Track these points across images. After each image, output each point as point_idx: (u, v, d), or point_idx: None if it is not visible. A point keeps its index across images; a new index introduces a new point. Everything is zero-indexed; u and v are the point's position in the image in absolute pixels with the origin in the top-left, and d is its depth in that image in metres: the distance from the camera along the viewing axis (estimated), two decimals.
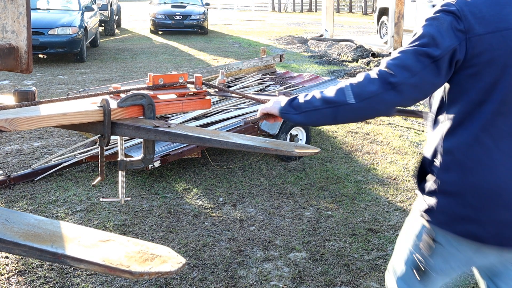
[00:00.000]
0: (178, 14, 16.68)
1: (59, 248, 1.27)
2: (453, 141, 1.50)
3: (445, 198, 1.51)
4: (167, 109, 2.17)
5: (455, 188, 1.50)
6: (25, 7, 1.91)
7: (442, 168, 1.52)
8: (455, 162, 1.49)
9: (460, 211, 1.50)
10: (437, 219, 1.54)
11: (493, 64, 1.42)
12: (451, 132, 1.51)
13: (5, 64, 1.90)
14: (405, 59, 1.44)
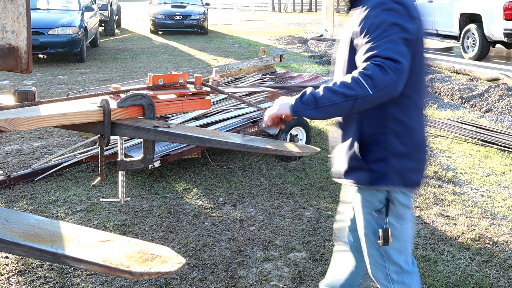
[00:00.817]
0: (178, 14, 16.68)
1: (59, 248, 1.27)
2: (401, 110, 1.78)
3: (398, 159, 1.78)
4: (167, 109, 2.17)
5: (406, 148, 1.79)
6: (25, 7, 1.91)
7: (392, 136, 1.77)
8: (406, 129, 1.79)
9: (411, 166, 1.81)
10: (393, 180, 1.79)
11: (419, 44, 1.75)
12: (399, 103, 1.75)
13: (5, 64, 1.90)
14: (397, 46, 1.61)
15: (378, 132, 1.79)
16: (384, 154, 1.79)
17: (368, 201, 1.88)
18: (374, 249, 1.93)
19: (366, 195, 1.88)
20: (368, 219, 1.90)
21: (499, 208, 3.81)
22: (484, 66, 9.95)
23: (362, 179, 1.83)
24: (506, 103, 6.72)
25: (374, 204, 1.86)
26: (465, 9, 10.93)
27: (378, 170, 1.80)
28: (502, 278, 2.88)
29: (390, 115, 1.77)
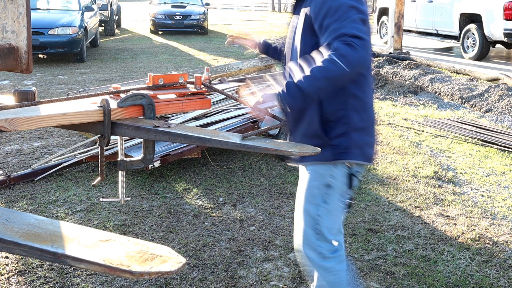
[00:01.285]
0: (178, 14, 16.68)
1: (59, 248, 1.27)
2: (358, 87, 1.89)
3: (358, 134, 1.89)
4: (167, 109, 2.16)
5: (365, 123, 1.92)
6: (25, 7, 1.91)
7: (352, 111, 1.88)
8: (362, 104, 1.91)
9: (368, 141, 1.95)
10: (354, 154, 1.90)
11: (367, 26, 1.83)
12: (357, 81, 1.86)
13: (5, 64, 1.90)
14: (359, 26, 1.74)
15: (338, 108, 1.89)
16: (345, 128, 1.89)
17: (320, 175, 1.96)
18: (310, 227, 2.00)
19: (321, 169, 1.95)
20: (314, 193, 1.97)
21: (499, 208, 3.81)
22: (484, 66, 9.95)
23: (325, 156, 1.90)
24: (506, 103, 6.72)
25: (326, 178, 1.95)
26: (465, 9, 10.93)
27: (340, 145, 1.90)
28: (502, 278, 2.88)
29: (349, 92, 1.88)
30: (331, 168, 1.93)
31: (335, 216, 2.01)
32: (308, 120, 1.93)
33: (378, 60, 10.29)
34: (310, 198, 1.99)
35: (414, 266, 2.98)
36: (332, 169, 1.93)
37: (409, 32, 13.16)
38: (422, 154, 4.98)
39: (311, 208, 1.99)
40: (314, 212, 1.98)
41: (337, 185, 1.96)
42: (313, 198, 1.98)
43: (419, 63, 9.81)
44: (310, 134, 1.94)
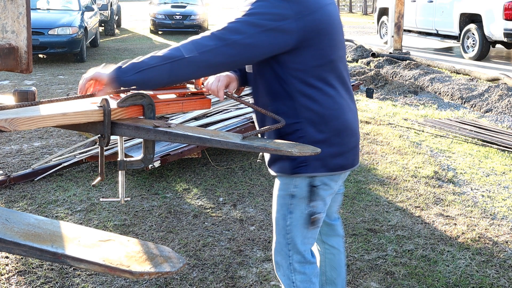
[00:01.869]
0: (178, 14, 16.69)
1: (59, 248, 1.27)
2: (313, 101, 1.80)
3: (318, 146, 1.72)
4: (167, 109, 2.16)
5: (323, 135, 1.82)
6: (25, 7, 1.91)
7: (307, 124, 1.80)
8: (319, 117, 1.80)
9: (330, 152, 1.84)
10: (314, 167, 1.84)
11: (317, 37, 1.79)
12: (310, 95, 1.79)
13: (5, 64, 1.90)
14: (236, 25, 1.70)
15: (292, 122, 1.81)
16: (301, 142, 1.80)
17: (285, 185, 1.92)
18: (281, 236, 1.97)
19: (284, 180, 1.92)
20: (281, 203, 1.95)
21: (499, 208, 3.81)
22: (484, 66, 9.95)
23: (284, 168, 1.88)
24: (506, 103, 6.72)
25: (290, 189, 1.90)
26: (465, 9, 10.93)
27: (297, 159, 1.84)
28: (502, 278, 2.88)
29: (301, 105, 1.80)
30: (293, 179, 1.89)
31: (304, 228, 1.94)
32: (269, 132, 1.89)
33: (378, 60, 10.29)
34: (278, 207, 1.96)
35: (414, 266, 2.98)
36: (294, 180, 1.89)
37: (409, 32, 13.16)
38: (422, 154, 4.98)
39: (280, 218, 1.96)
40: (283, 222, 1.95)
41: (301, 195, 1.90)
42: (281, 208, 1.96)
43: (419, 63, 9.81)
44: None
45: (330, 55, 1.80)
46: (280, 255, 2.00)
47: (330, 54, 1.80)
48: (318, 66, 1.78)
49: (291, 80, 1.78)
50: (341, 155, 1.88)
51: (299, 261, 1.97)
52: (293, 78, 1.78)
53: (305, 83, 1.77)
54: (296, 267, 1.97)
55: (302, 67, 1.76)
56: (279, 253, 2.00)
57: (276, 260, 2.02)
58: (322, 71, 1.80)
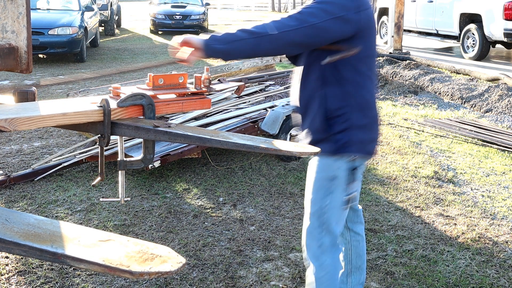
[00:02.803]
0: (178, 14, 16.68)
1: (59, 248, 1.27)
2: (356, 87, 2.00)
3: (359, 130, 2.00)
4: (167, 109, 2.16)
5: (367, 120, 2.03)
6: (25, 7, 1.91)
7: (352, 110, 1.99)
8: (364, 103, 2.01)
9: (369, 137, 2.05)
10: (356, 149, 2.01)
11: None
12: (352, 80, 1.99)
13: (5, 64, 1.90)
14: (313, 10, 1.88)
15: (341, 106, 1.99)
16: (346, 125, 1.99)
17: (326, 166, 2.06)
18: (316, 218, 2.09)
19: (326, 161, 2.06)
20: (321, 184, 2.08)
21: (499, 208, 3.81)
22: (484, 66, 9.95)
23: (326, 149, 2.01)
24: (506, 103, 6.72)
25: (330, 172, 2.05)
26: (465, 9, 10.93)
27: (341, 140, 2.00)
28: (502, 278, 2.88)
29: (349, 92, 1.99)
30: (336, 160, 2.03)
31: (340, 208, 2.08)
32: (313, 115, 2.05)
33: (378, 60, 10.29)
34: (317, 188, 2.08)
35: (414, 266, 2.98)
36: (336, 162, 2.03)
37: (409, 32, 13.16)
38: (422, 154, 4.98)
39: (318, 199, 2.08)
40: (321, 203, 2.07)
41: (341, 177, 2.04)
42: (320, 189, 2.07)
43: (419, 63, 9.81)
44: (316, 128, 2.06)
45: (374, 50, 2.04)
46: (311, 237, 2.10)
47: (373, 49, 2.03)
48: (366, 56, 1.99)
49: (343, 67, 1.96)
50: (375, 141, 2.10)
51: (329, 242, 2.08)
52: (346, 65, 1.96)
53: (356, 70, 1.97)
54: (325, 249, 2.08)
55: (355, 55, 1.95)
56: (310, 235, 2.11)
57: (307, 243, 2.12)
58: (369, 61, 2.02)
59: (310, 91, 2.04)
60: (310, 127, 2.08)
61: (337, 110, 2.00)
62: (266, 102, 5.20)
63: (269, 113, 4.63)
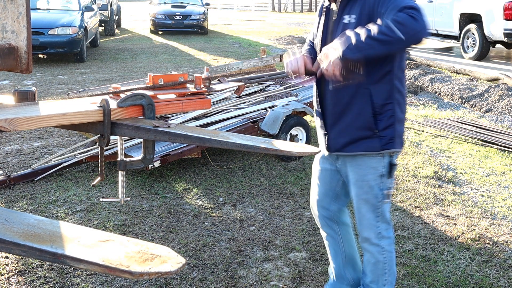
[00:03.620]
0: (178, 14, 16.68)
1: (59, 248, 1.27)
2: (401, 83, 2.12)
3: (399, 125, 2.13)
4: (167, 109, 2.16)
5: (403, 115, 2.17)
6: (25, 7, 1.91)
7: (396, 104, 2.10)
8: (402, 97, 2.14)
9: (403, 130, 2.20)
10: (397, 143, 2.14)
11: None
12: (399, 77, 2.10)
13: (5, 64, 1.90)
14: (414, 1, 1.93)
15: (386, 102, 2.08)
16: (391, 121, 2.10)
17: (373, 168, 2.17)
18: (371, 213, 2.24)
19: (372, 163, 2.16)
20: (372, 185, 2.19)
21: (499, 208, 3.81)
22: (484, 66, 9.95)
23: (373, 147, 2.12)
24: (506, 103, 6.72)
25: (380, 169, 2.17)
26: (465, 9, 10.93)
27: (387, 136, 2.11)
28: (502, 278, 2.88)
29: (395, 87, 2.09)
30: (381, 159, 2.15)
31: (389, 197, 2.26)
32: (356, 113, 2.11)
33: None
34: (368, 189, 2.20)
35: (414, 266, 2.98)
36: (382, 160, 2.16)
37: None
38: (422, 154, 4.98)
39: (371, 198, 2.21)
40: (374, 200, 2.21)
41: (387, 173, 2.19)
42: (372, 189, 2.20)
43: (419, 63, 9.81)
44: (359, 126, 2.12)
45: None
46: (368, 229, 2.28)
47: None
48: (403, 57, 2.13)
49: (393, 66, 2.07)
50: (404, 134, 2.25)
51: (386, 228, 2.28)
52: (394, 63, 2.06)
53: (400, 68, 2.10)
54: (384, 234, 2.28)
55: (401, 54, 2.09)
56: (368, 228, 2.28)
57: (364, 236, 2.30)
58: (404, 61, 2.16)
59: (351, 88, 2.08)
60: (352, 125, 2.13)
61: (382, 106, 2.08)
62: (266, 102, 5.20)
63: (269, 113, 4.63)
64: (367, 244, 2.31)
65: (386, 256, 2.31)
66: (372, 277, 2.35)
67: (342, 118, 2.15)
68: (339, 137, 2.18)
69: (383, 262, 2.32)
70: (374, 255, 2.31)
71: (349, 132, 2.14)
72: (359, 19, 2.03)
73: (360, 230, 2.32)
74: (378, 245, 2.29)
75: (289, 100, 5.14)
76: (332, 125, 2.21)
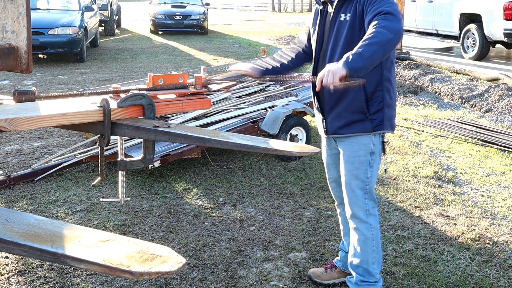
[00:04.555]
0: (178, 14, 16.68)
1: (59, 248, 1.27)
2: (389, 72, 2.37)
3: (388, 109, 2.39)
4: (167, 109, 2.17)
5: (392, 100, 2.41)
6: (25, 7, 1.91)
7: (385, 91, 2.36)
8: (391, 85, 2.39)
9: (393, 114, 2.45)
10: (387, 125, 2.40)
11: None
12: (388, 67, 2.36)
13: (5, 64, 1.90)
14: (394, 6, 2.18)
15: (376, 89, 2.35)
16: (381, 106, 2.36)
17: (365, 145, 2.40)
18: (359, 189, 2.44)
19: (364, 140, 2.40)
20: (362, 160, 2.41)
21: (499, 208, 3.81)
22: (484, 66, 9.95)
23: (366, 128, 2.38)
24: (506, 103, 6.72)
25: (370, 147, 2.41)
26: (465, 9, 10.93)
27: (377, 119, 2.37)
28: (502, 278, 2.88)
29: (384, 76, 2.35)
30: (372, 138, 2.40)
31: (376, 177, 2.48)
32: (350, 99, 2.35)
33: None
34: (359, 165, 2.42)
35: (414, 266, 2.98)
36: (373, 139, 2.41)
37: (409, 32, 13.16)
38: (422, 154, 4.98)
39: (361, 173, 2.42)
40: (364, 176, 2.42)
41: (377, 151, 2.43)
42: (361, 164, 2.42)
43: (419, 63, 9.81)
44: (353, 110, 2.37)
45: None
46: (356, 206, 2.46)
47: None
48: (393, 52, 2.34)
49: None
50: (395, 118, 2.48)
51: (372, 206, 2.49)
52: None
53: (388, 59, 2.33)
54: (371, 211, 2.48)
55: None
56: (356, 205, 2.46)
57: (353, 212, 2.47)
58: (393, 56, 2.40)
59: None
60: (348, 109, 2.37)
61: (373, 93, 2.35)
62: (266, 102, 5.20)
63: (269, 113, 4.63)
64: (357, 221, 2.48)
65: (374, 233, 2.49)
66: (362, 257, 2.50)
67: (338, 104, 2.40)
68: (335, 121, 2.43)
69: (371, 239, 2.49)
70: (363, 232, 2.48)
71: (344, 116, 2.39)
72: (353, 17, 2.28)
73: (351, 207, 2.49)
74: (366, 222, 2.47)
75: (289, 100, 5.14)
76: (329, 110, 2.45)
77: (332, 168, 2.66)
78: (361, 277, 2.53)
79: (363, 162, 2.42)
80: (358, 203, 2.46)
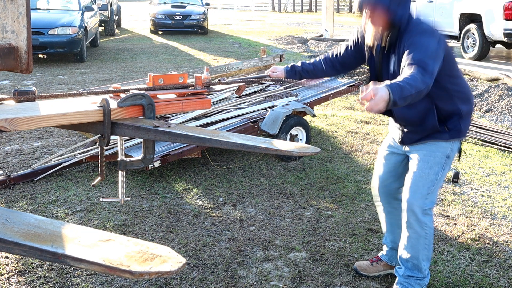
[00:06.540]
0: (178, 14, 16.68)
1: (59, 248, 1.27)
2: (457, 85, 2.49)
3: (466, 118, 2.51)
4: (167, 109, 2.17)
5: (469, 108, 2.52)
6: (25, 7, 1.91)
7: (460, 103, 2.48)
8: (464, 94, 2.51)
9: (470, 121, 2.57)
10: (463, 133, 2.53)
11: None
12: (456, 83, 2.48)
13: (5, 64, 1.90)
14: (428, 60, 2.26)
15: (449, 106, 2.47)
16: (458, 118, 2.48)
17: (443, 147, 2.51)
18: (425, 188, 2.48)
19: (442, 144, 2.51)
20: (437, 161, 2.50)
21: (499, 208, 3.81)
22: (484, 66, 9.95)
23: (443, 137, 2.50)
24: (506, 103, 6.72)
25: (447, 151, 2.52)
26: (465, 9, 10.93)
27: (454, 128, 2.49)
28: (502, 278, 2.88)
29: (453, 91, 2.46)
30: (451, 143, 2.52)
31: (443, 181, 2.57)
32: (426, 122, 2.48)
33: None
34: (433, 164, 2.50)
35: None
36: (452, 144, 2.52)
37: None
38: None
39: (432, 173, 2.49)
40: (434, 177, 2.49)
41: (452, 157, 2.54)
42: (435, 165, 2.50)
43: None
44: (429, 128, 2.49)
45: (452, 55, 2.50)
46: (416, 204, 2.48)
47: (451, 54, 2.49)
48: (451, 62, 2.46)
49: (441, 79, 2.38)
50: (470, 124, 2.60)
51: (430, 207, 2.51)
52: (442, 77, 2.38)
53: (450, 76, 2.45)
54: (428, 212, 2.50)
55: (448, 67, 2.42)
56: (416, 200, 2.48)
57: (412, 209, 2.50)
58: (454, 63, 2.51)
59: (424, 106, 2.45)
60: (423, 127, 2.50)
61: (447, 110, 2.48)
62: (266, 102, 5.20)
63: (269, 113, 4.63)
64: (413, 218, 2.50)
65: (427, 232, 2.53)
66: (413, 253, 2.56)
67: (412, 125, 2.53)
68: (414, 134, 2.55)
69: (424, 237, 2.53)
70: (417, 230, 2.51)
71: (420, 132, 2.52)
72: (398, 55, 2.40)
73: (410, 203, 2.49)
74: (422, 221, 2.50)
75: (289, 100, 5.14)
76: (405, 126, 2.57)
77: (387, 165, 2.75)
78: (410, 271, 2.61)
79: (438, 163, 2.51)
80: (419, 201, 2.49)
